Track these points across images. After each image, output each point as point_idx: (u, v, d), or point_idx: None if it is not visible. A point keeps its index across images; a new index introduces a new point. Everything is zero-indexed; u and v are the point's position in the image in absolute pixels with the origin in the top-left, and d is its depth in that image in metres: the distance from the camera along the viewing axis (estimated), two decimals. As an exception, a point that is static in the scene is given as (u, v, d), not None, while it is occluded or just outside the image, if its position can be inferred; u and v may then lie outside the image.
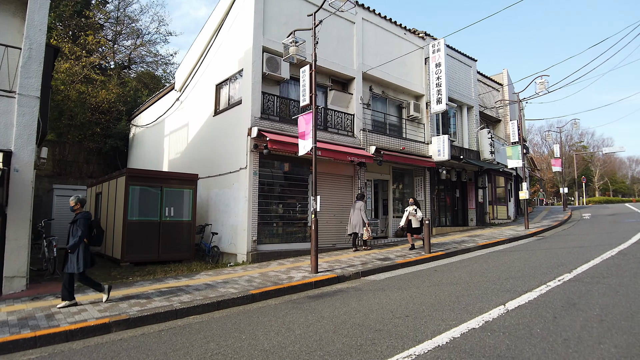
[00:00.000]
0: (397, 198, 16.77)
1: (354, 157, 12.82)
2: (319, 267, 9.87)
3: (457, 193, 19.30)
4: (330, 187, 13.42)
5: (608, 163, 74.76)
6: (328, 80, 14.17)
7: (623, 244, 11.08)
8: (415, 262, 10.49)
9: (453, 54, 19.17)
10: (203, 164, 14.01)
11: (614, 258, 9.04)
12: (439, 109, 16.33)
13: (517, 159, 17.89)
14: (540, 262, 9.16)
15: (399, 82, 16.23)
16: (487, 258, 10.59)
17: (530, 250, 11.52)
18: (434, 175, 17.07)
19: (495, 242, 13.46)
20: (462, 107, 19.66)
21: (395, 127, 16.59)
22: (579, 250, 10.56)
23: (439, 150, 16.36)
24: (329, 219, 13.20)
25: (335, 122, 13.84)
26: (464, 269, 9.10)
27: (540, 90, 17.86)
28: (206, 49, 14.66)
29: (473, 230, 17.87)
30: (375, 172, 15.52)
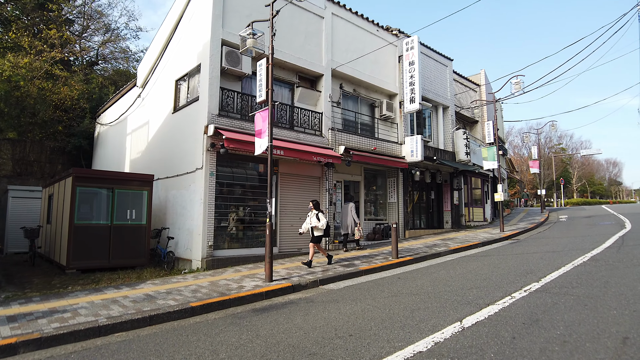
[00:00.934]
0: (370, 200, 16.19)
1: (321, 158, 12.18)
2: (277, 274, 9.21)
3: (432, 195, 18.83)
4: (296, 188, 12.76)
5: (586, 165, 75.81)
6: (295, 76, 13.51)
7: (596, 249, 10.66)
8: (381, 269, 9.89)
9: (428, 53, 18.72)
10: (163, 164, 13.21)
11: (585, 264, 8.57)
12: (413, 109, 15.82)
13: (493, 160, 17.50)
14: (509, 269, 8.64)
15: (371, 80, 15.67)
16: (456, 264, 10.05)
17: (502, 255, 11.03)
18: (407, 177, 16.54)
19: (467, 246, 12.96)
20: (437, 107, 19.21)
21: (367, 127, 16.02)
22: (550, 256, 10.09)
23: (412, 151, 15.84)
24: (294, 222, 12.53)
25: (302, 121, 13.18)
26: (429, 277, 8.53)
27: (516, 91, 17.51)
28: (167, 42, 13.88)
29: (448, 233, 17.40)
30: (346, 173, 14.92)
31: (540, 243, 13.16)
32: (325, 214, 12.87)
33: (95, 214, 11.19)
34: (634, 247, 10.57)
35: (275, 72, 12.90)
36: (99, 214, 11.21)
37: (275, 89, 13.05)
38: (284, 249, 12.22)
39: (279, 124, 12.55)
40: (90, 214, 11.05)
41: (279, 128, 12.28)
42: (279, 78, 13.00)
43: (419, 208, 18.15)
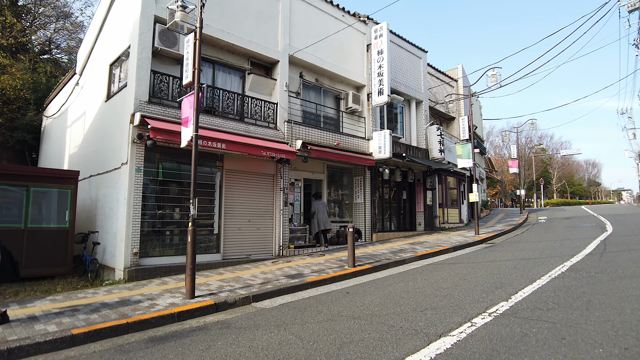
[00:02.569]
0: (335, 200, 14.84)
1: (272, 152, 10.77)
2: (207, 287, 7.80)
3: (404, 195, 17.58)
4: (244, 187, 11.33)
5: (566, 166, 75.97)
6: (247, 62, 12.08)
7: (576, 256, 9.49)
8: (332, 280, 8.53)
9: (400, 43, 17.47)
10: (95, 159, 11.65)
11: (564, 276, 7.34)
12: (381, 101, 14.51)
13: (468, 158, 16.33)
14: (477, 282, 7.37)
15: (336, 69, 14.32)
16: (419, 274, 8.76)
17: (472, 263, 9.79)
18: (375, 175, 15.24)
19: (436, 252, 11.71)
20: (410, 102, 17.97)
21: (331, 121, 14.67)
22: (525, 264, 8.87)
23: (380, 147, 14.54)
24: (242, 225, 11.11)
25: (253, 112, 11.76)
26: (382, 291, 7.20)
27: (493, 83, 16.39)
28: (103, 22, 12.32)
29: (419, 236, 16.17)
30: (306, 170, 13.55)
31: (516, 248, 11.99)
32: (281, 217, 11.57)
33: (5, 215, 9.60)
34: (617, 254, 9.42)
35: (224, 56, 11.50)
36: (9, 215, 9.63)
37: (223, 76, 11.63)
38: (229, 256, 10.78)
39: (226, 115, 11.12)
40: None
41: (225, 119, 10.86)
42: (227, 63, 11.56)
43: (389, 209, 16.88)
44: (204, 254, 10.35)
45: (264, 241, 11.57)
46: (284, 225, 11.84)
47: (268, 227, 11.70)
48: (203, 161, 10.57)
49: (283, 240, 11.76)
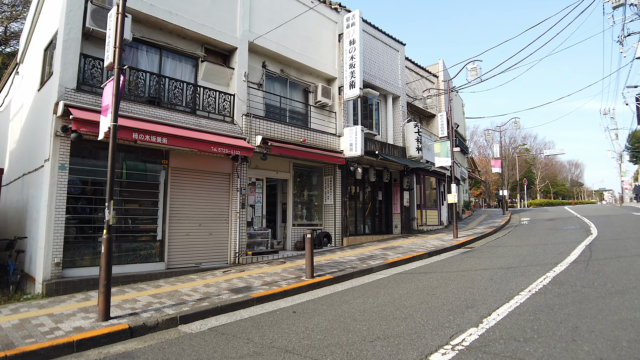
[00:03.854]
0: (302, 201, 13.72)
1: (223, 148, 9.59)
2: (132, 305, 6.62)
3: (380, 196, 16.54)
4: (194, 187, 10.15)
5: (550, 166, 76.04)
6: (200, 49, 10.89)
7: (559, 265, 8.52)
8: (283, 294, 7.40)
9: (377, 35, 16.44)
10: (27, 155, 10.36)
11: (546, 292, 6.33)
12: (352, 95, 13.45)
13: (447, 156, 15.35)
14: (446, 298, 6.32)
15: (304, 60, 13.22)
16: (383, 286, 7.69)
17: (446, 272, 8.76)
18: (347, 175, 14.16)
19: (409, 258, 10.69)
20: (387, 97, 16.95)
21: (298, 115, 13.55)
22: (503, 275, 7.87)
23: (351, 144, 13.47)
24: (191, 230, 9.93)
25: (206, 104, 10.58)
26: (334, 311, 6.10)
27: (473, 77, 15.45)
28: (41, 2, 11.03)
29: (395, 239, 15.14)
30: (270, 169, 12.41)
31: (495, 254, 11.02)
32: (237, 220, 10.42)
33: None
34: (604, 262, 8.48)
35: (173, 41, 10.32)
36: None
37: (172, 63, 10.43)
38: (175, 265, 9.59)
39: (174, 107, 9.94)
40: None
41: (172, 111, 9.68)
42: (177, 49, 10.37)
43: (362, 211, 15.83)
44: (144, 262, 9.13)
45: (218, 248, 10.40)
46: (241, 229, 10.68)
47: (222, 231, 10.53)
48: (144, 158, 9.38)
49: (240, 247, 10.60)
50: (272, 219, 13.40)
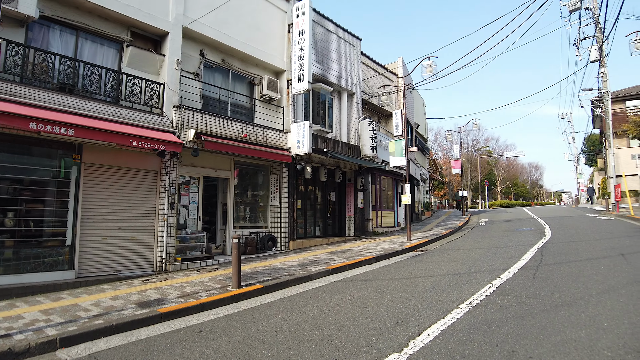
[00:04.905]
0: (246, 202, 12.77)
1: (145, 142, 8.54)
2: (10, 324, 5.52)
3: (332, 196, 15.78)
4: (113, 186, 9.05)
5: (511, 168, 77.78)
6: (126, 32, 9.79)
7: (507, 271, 7.94)
8: (198, 308, 6.46)
9: (331, 28, 15.68)
10: None
11: (487, 304, 5.67)
12: (301, 89, 12.62)
13: (401, 156, 14.74)
14: (377, 313, 5.56)
15: (249, 50, 12.28)
16: (315, 298, 6.87)
17: (388, 280, 8.04)
18: (295, 174, 13.32)
19: (355, 263, 9.93)
20: (341, 93, 16.23)
21: (242, 109, 12.60)
22: (447, 284, 7.20)
23: (299, 141, 12.63)
24: (109, 234, 8.84)
25: (130, 93, 9.48)
26: (246, 330, 5.23)
27: (428, 74, 14.92)
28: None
29: (346, 242, 14.40)
30: (208, 167, 11.41)
31: (445, 258, 10.42)
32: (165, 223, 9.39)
33: None
34: (554, 268, 7.96)
35: (93, 22, 9.20)
36: None
37: (92, 47, 9.29)
38: (88, 273, 8.47)
39: (91, 95, 8.82)
40: None
41: (88, 100, 8.55)
42: (97, 32, 9.25)
43: (313, 212, 15.02)
44: (49, 271, 7.98)
45: (141, 253, 9.33)
46: (170, 233, 9.65)
47: (147, 235, 9.47)
48: (50, 152, 8.22)
49: (167, 252, 9.56)
50: (211, 221, 12.39)
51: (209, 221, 12.69)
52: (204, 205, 12.77)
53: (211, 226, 12.54)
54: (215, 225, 12.31)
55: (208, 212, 12.89)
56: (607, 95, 24.58)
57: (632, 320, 4.63)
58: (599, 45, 23.83)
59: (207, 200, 13.18)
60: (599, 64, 24.46)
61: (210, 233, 12.30)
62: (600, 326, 4.48)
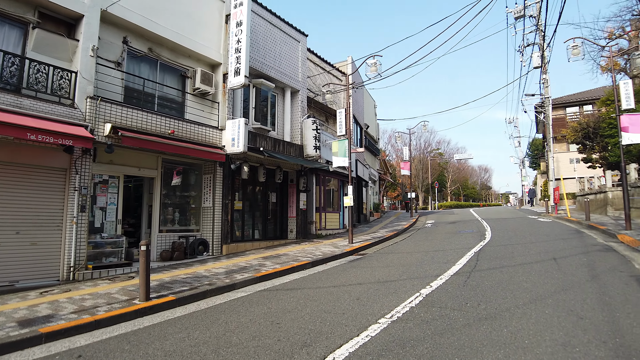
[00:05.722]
0: (175, 203, 11.87)
1: (47, 136, 7.55)
2: None
3: (274, 197, 15.13)
4: (10, 185, 7.98)
5: (461, 170, 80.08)
6: (33, 12, 8.72)
7: (440, 277, 7.62)
8: (92, 326, 5.63)
9: (275, 22, 15.03)
10: None
11: (408, 318, 5.23)
12: (237, 83, 11.90)
13: (344, 156, 14.30)
14: (288, 331, 4.99)
15: (181, 40, 11.42)
16: (230, 311, 6.21)
17: (315, 288, 7.50)
18: (230, 174, 12.57)
19: (287, 269, 9.34)
20: (284, 90, 15.61)
21: (172, 104, 11.72)
22: (374, 293, 6.76)
23: (234, 139, 11.90)
24: (3, 239, 7.76)
25: (34, 81, 8.42)
26: (135, 354, 4.50)
27: (372, 73, 14.57)
28: None
29: (286, 246, 13.80)
30: (130, 164, 10.46)
31: (382, 262, 10.05)
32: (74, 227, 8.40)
33: None
34: (486, 274, 7.71)
35: (-12, -2, 8.05)
36: None
37: (-13, 26, 8.15)
38: (-25, 286, 7.38)
39: (-18, 81, 7.71)
40: None
41: (-25, 85, 7.45)
42: (-6, 9, 8.14)
43: (252, 214, 14.30)
44: None
45: (45, 261, 8.30)
46: (79, 238, 8.66)
47: (52, 241, 8.44)
48: None
49: (76, 259, 8.57)
50: (136, 224, 11.44)
51: (135, 224, 11.73)
52: (129, 206, 11.83)
53: (137, 230, 11.59)
54: (140, 229, 11.36)
55: (133, 215, 11.93)
56: (548, 101, 25.39)
57: (554, 336, 4.30)
58: (540, 53, 24.55)
59: (136, 201, 12.23)
60: (541, 71, 25.24)
61: (135, 237, 11.36)
62: (521, 344, 4.12)
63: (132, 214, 12.04)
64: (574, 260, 8.61)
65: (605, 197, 21.25)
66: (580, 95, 38.33)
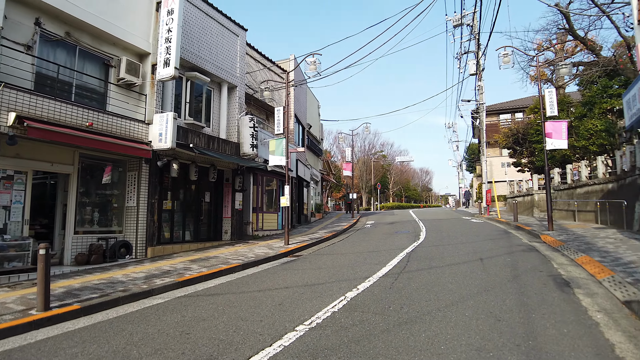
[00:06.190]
0: (95, 202, 10.97)
1: None
2: None
3: (207, 197, 14.49)
4: None
5: (404, 172, 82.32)
6: None
7: (368, 279, 7.49)
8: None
9: (212, 13, 14.40)
10: None
11: (328, 324, 5.00)
12: (166, 75, 11.21)
13: (281, 155, 13.97)
14: (195, 342, 4.57)
15: (104, 25, 10.56)
16: (139, 321, 5.67)
17: (240, 293, 7.11)
18: (157, 171, 11.83)
19: (214, 273, 8.84)
20: (221, 85, 15.02)
21: (94, 94, 10.83)
22: (300, 296, 6.48)
23: (161, 134, 11.20)
24: None
25: None
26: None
27: (312, 72, 14.37)
28: None
29: (218, 248, 13.23)
30: (40, 159, 9.49)
31: (315, 264, 9.82)
32: None
33: None
34: (414, 276, 7.67)
35: None
36: None
37: None
38: None
39: None
40: None
41: None
42: None
43: (183, 214, 13.59)
44: None
45: None
46: (-27, 240, 7.69)
47: (-62, 244, 7.42)
48: None
49: (-31, 264, 7.59)
50: (50, 225, 10.45)
51: (48, 225, 10.71)
52: (44, 205, 10.82)
53: (51, 231, 10.58)
54: (53, 231, 10.38)
55: (49, 214, 10.89)
56: (483, 107, 26.47)
57: (470, 340, 4.21)
58: (476, 60, 25.55)
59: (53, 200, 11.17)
60: (476, 78, 26.27)
61: (49, 239, 10.35)
62: (436, 350, 3.97)
63: (46, 213, 10.98)
64: (498, 261, 8.81)
65: (532, 199, 22.42)
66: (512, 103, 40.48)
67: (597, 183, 15.69)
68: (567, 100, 22.84)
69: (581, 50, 24.60)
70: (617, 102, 18.07)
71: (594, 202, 15.44)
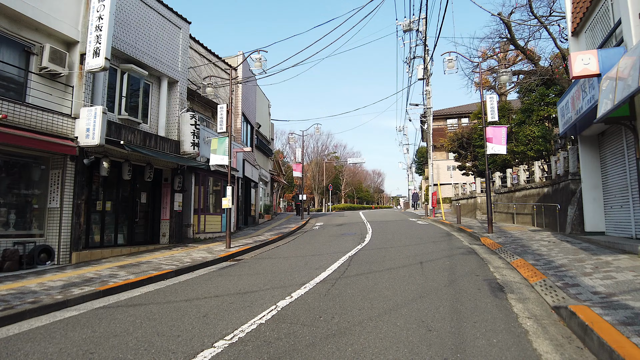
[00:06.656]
0: (11, 203, 9.94)
1: None
2: None
3: (143, 198, 13.66)
4: None
5: (356, 174, 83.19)
6: None
7: (304, 286, 7.18)
8: None
9: (150, 2, 13.61)
10: None
11: (250, 338, 4.62)
12: (96, 65, 10.40)
13: (224, 154, 13.40)
14: (100, 362, 4.06)
15: (24, 9, 9.61)
16: (40, 338, 5.02)
17: (166, 303, 6.57)
18: (85, 169, 10.96)
19: (142, 280, 8.21)
20: (161, 80, 14.24)
21: (11, 83, 9.83)
22: (226, 307, 6.06)
23: (88, 130, 10.37)
24: None
25: None
26: None
27: (257, 69, 13.93)
28: None
29: (153, 252, 12.47)
30: (-57, 155, 8.46)
31: (254, 269, 9.40)
32: None
33: None
34: (352, 281, 7.45)
35: None
36: None
37: None
38: None
39: None
40: None
41: None
42: None
43: (115, 216, 12.72)
44: None
45: None
46: None
47: None
48: None
49: None
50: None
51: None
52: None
53: (-43, 234, 9.49)
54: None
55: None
56: (430, 111, 26.98)
57: (398, 354, 3.98)
58: (424, 66, 26.02)
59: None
60: (424, 83, 26.76)
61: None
62: (361, 367, 3.70)
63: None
64: (437, 264, 8.78)
65: (475, 202, 23.06)
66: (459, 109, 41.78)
67: (534, 187, 16.30)
68: (508, 107, 23.73)
69: (522, 59, 25.70)
70: (553, 110, 18.90)
71: (531, 205, 16.01)
